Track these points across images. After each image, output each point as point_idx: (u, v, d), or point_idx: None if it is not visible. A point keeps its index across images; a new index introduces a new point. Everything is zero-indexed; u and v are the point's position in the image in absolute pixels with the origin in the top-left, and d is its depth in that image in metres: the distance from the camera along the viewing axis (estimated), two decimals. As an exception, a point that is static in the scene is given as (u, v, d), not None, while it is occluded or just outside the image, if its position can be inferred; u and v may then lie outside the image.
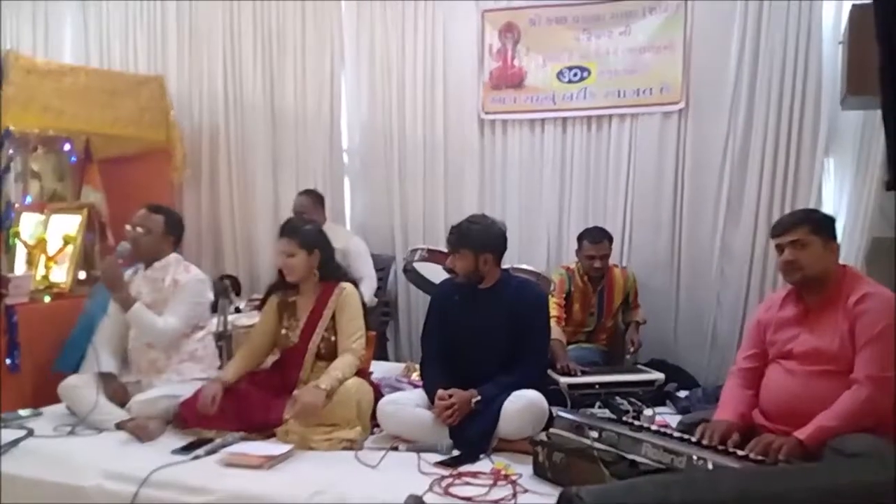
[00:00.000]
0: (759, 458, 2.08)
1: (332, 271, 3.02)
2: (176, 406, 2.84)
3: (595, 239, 3.88)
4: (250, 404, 2.79)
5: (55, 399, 3.04)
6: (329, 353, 2.89)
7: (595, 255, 3.85)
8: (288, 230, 2.98)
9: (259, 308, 3.12)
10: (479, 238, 2.83)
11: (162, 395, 2.88)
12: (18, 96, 3.99)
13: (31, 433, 2.72)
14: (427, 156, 4.74)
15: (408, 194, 4.80)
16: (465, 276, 2.86)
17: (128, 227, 3.15)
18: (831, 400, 2.20)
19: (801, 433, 2.14)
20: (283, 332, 2.99)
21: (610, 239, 3.93)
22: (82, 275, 4.18)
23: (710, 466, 1.99)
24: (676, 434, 2.29)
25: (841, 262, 2.48)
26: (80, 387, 2.94)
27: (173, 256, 3.19)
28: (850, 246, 3.69)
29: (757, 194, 4.11)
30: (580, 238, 3.95)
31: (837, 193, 4.01)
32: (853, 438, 2.05)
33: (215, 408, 2.72)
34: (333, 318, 2.92)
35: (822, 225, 2.42)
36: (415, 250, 3.73)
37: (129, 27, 5.32)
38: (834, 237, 2.43)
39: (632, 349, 3.87)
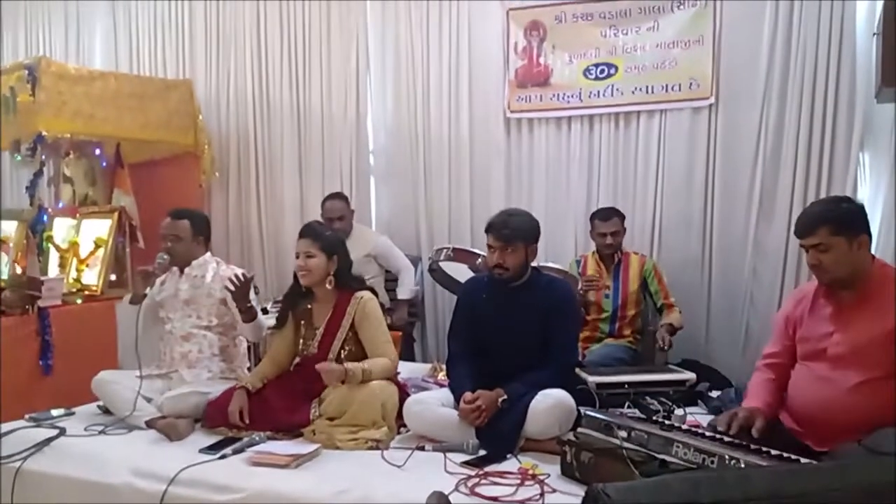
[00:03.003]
0: (794, 457, 2.03)
1: (348, 280, 2.97)
2: (205, 404, 2.86)
3: (604, 216, 3.95)
4: (276, 406, 2.79)
5: (87, 399, 3.08)
6: (350, 362, 2.83)
7: (605, 231, 3.91)
8: (309, 232, 2.95)
9: (278, 317, 3.10)
10: (528, 230, 2.81)
11: (192, 392, 2.90)
12: (50, 102, 4.07)
13: (62, 432, 2.74)
14: (453, 156, 4.73)
15: (433, 194, 4.79)
16: (515, 271, 2.80)
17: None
18: (870, 410, 2.12)
19: None
20: (301, 341, 2.97)
21: (621, 217, 3.97)
22: (113, 277, 4.24)
23: (742, 466, 1.95)
24: (708, 433, 2.25)
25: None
26: (112, 382, 2.97)
27: (208, 255, 3.24)
28: (888, 242, 3.60)
29: (790, 191, 4.03)
30: (592, 218, 4.02)
31: (874, 189, 3.92)
32: (888, 436, 1.98)
33: (246, 419, 2.74)
34: (352, 327, 2.88)
35: (845, 221, 2.25)
36: (440, 250, 3.71)
37: (157, 32, 5.40)
38: (862, 230, 2.26)
39: (658, 346, 3.81)
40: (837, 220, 2.25)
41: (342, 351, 2.88)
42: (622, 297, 3.93)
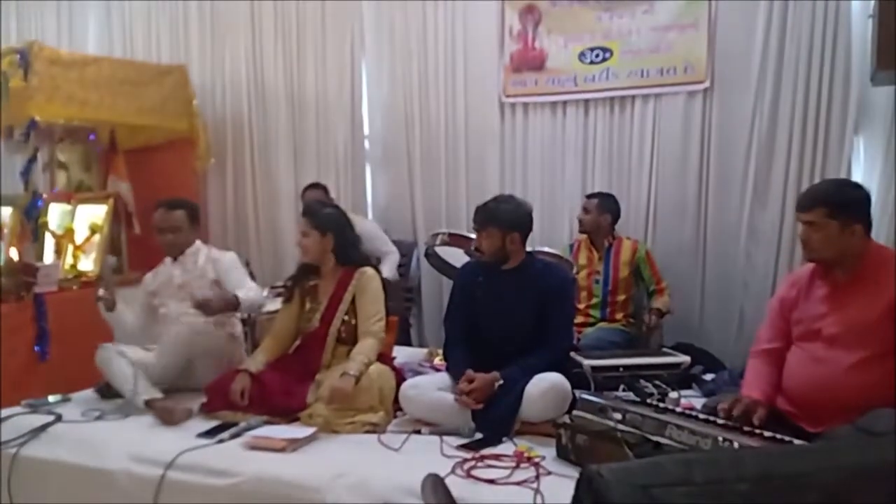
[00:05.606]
0: (787, 439, 2.05)
1: (350, 256, 3.01)
2: (196, 337, 2.93)
3: (588, 195, 4.10)
4: (273, 390, 2.80)
5: (84, 385, 3.09)
6: (350, 337, 2.90)
7: (582, 206, 4.04)
8: (306, 210, 3.08)
9: (282, 295, 3.13)
10: (506, 217, 2.80)
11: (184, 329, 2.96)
12: (43, 87, 4.04)
13: (59, 418, 2.75)
14: (448, 141, 4.73)
15: (429, 179, 4.79)
16: (490, 256, 2.83)
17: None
18: (864, 390, 2.13)
19: None
20: (305, 315, 3.01)
21: (605, 200, 4.02)
22: (109, 263, 4.23)
23: (736, 447, 1.97)
24: (702, 416, 2.26)
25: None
26: (112, 359, 2.94)
27: (199, 243, 3.28)
28: (880, 225, 3.61)
29: (784, 175, 4.03)
30: None
31: (867, 172, 3.92)
32: (881, 417, 2.00)
33: (246, 401, 2.75)
34: (354, 301, 2.92)
35: (844, 206, 2.24)
36: (436, 234, 3.72)
37: (151, 17, 5.37)
38: (858, 218, 2.25)
39: (644, 326, 3.84)
40: (836, 203, 2.25)
41: (342, 326, 2.91)
42: (612, 283, 3.95)
